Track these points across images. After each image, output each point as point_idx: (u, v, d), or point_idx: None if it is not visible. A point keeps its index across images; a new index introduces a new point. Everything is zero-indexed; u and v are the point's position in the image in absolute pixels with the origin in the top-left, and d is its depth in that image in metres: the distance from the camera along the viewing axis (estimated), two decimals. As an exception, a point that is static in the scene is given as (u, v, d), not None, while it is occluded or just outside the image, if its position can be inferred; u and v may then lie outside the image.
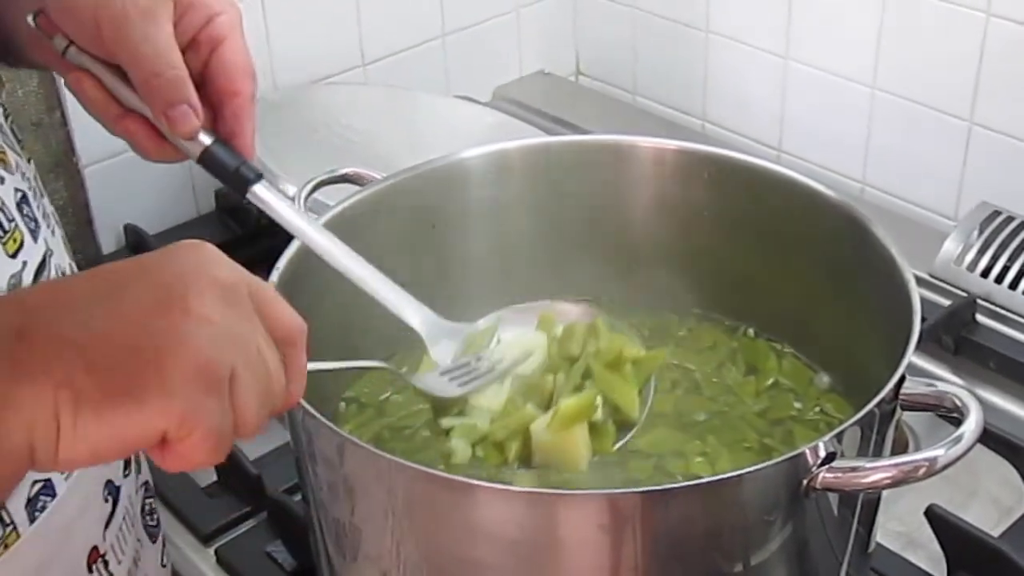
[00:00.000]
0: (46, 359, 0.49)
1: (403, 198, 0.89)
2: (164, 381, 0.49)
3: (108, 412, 0.49)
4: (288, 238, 0.79)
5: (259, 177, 0.72)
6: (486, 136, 1.01)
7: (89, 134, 1.27)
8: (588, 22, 1.63)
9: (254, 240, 1.29)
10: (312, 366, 0.59)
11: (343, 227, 0.82)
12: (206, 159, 0.71)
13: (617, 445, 0.76)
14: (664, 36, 1.53)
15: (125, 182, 1.32)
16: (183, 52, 0.70)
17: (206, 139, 0.71)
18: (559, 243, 0.90)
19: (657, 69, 1.57)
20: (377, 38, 1.47)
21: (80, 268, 1.26)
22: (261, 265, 0.71)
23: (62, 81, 1.22)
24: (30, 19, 0.71)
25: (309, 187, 0.90)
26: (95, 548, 0.74)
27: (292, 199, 0.89)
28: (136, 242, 1.33)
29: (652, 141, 0.94)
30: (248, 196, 0.72)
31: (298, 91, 1.39)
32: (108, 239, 1.34)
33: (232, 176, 0.72)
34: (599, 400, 0.74)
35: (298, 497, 0.94)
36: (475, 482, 0.66)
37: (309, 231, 0.75)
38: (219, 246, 0.56)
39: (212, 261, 0.54)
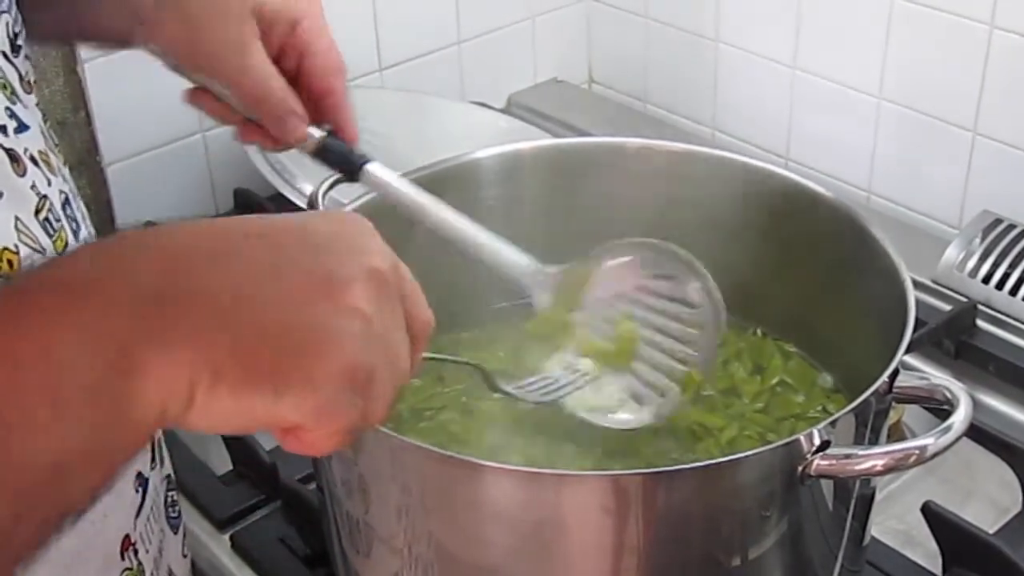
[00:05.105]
0: (189, 329, 0.46)
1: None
2: (308, 378, 0.47)
3: (244, 395, 0.47)
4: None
5: (368, 160, 0.80)
6: (500, 140, 1.03)
7: (113, 133, 1.30)
8: (601, 32, 1.65)
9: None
10: None
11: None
12: (320, 151, 0.80)
13: None
14: (675, 46, 1.55)
15: (146, 181, 1.34)
16: (276, 60, 0.76)
17: (316, 133, 0.79)
18: (568, 242, 0.92)
19: (668, 78, 1.58)
20: (394, 44, 1.48)
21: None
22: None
23: (87, 81, 1.26)
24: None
25: (326, 185, 0.91)
26: (127, 536, 0.74)
27: (309, 198, 0.92)
28: (156, 240, 1.35)
29: (658, 144, 0.96)
30: (361, 177, 0.81)
31: (316, 94, 1.40)
32: (129, 236, 1.36)
33: (347, 162, 0.80)
34: None
35: (312, 486, 0.96)
36: (482, 462, 0.68)
37: (426, 203, 0.81)
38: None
39: (370, 243, 0.52)
